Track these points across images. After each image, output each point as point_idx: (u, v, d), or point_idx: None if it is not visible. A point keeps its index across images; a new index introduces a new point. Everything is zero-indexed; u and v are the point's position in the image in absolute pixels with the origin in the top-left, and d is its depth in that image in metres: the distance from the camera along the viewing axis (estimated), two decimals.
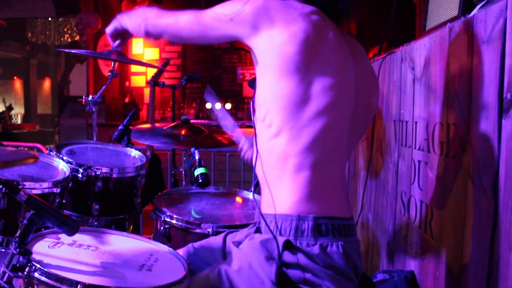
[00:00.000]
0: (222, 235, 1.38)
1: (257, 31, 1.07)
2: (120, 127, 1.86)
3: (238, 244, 1.23)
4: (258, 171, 1.16)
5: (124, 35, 1.48)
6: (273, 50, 1.06)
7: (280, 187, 1.09)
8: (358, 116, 1.18)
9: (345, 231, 1.09)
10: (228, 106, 6.28)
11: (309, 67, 1.05)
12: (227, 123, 1.74)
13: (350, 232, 1.10)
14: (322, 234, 1.05)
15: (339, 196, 1.13)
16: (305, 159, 1.06)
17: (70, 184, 1.63)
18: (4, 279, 0.99)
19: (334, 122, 1.09)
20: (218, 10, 1.12)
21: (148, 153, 2.74)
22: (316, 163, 1.07)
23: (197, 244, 1.39)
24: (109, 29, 1.44)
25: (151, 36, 1.28)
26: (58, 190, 1.52)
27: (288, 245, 1.05)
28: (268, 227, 1.09)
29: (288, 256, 1.04)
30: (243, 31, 1.09)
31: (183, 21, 1.18)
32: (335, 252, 1.05)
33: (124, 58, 2.22)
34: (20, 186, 1.40)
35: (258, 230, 1.23)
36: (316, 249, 1.04)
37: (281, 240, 1.05)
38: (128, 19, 1.36)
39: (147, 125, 2.26)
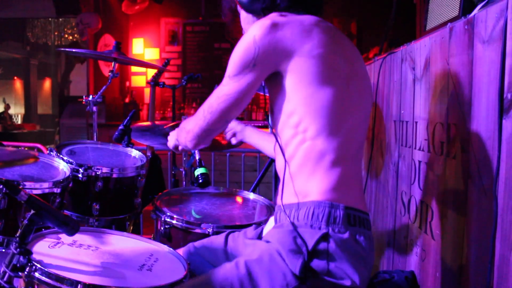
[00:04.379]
0: (224, 234, 1.38)
1: (283, 62, 1.08)
2: (120, 127, 1.86)
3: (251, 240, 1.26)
4: (281, 168, 1.16)
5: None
6: (303, 69, 1.07)
7: (312, 180, 1.10)
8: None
9: (367, 224, 1.13)
10: None
11: (339, 71, 1.10)
12: None
13: (369, 226, 1.14)
14: (351, 223, 1.08)
15: (360, 191, 1.17)
16: (340, 154, 1.10)
17: (70, 184, 1.63)
18: (5, 279, 0.99)
19: (362, 118, 1.16)
20: (234, 64, 1.10)
21: (149, 153, 2.74)
22: (349, 157, 1.12)
23: (198, 243, 1.39)
24: (170, 145, 1.51)
25: (203, 143, 1.25)
26: (59, 190, 1.52)
27: (324, 237, 1.05)
28: (296, 218, 1.09)
29: (319, 244, 1.04)
30: (269, 68, 1.10)
31: (215, 106, 1.14)
32: (363, 241, 1.08)
33: (124, 58, 2.23)
34: (21, 186, 1.40)
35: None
36: (346, 235, 1.06)
37: (318, 233, 1.04)
38: (180, 136, 1.35)
39: (147, 122, 2.26)
